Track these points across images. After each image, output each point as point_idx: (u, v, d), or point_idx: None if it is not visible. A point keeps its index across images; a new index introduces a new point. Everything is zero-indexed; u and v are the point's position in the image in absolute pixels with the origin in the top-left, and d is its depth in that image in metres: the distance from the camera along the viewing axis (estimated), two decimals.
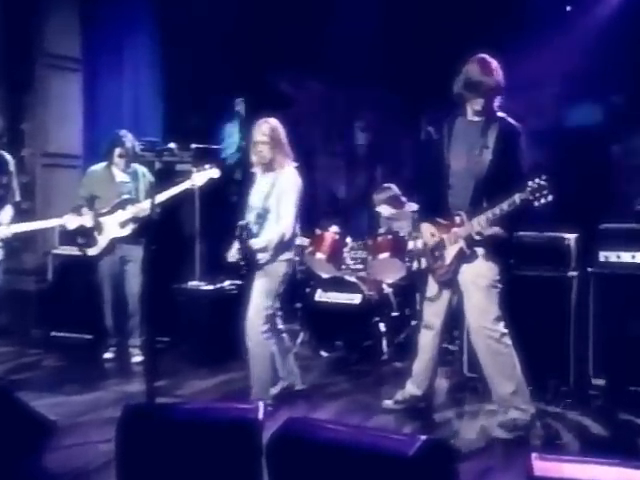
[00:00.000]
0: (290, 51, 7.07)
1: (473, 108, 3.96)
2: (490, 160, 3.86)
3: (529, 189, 3.58)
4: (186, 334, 5.60)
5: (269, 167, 4.43)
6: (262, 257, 4.34)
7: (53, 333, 6.03)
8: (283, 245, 4.38)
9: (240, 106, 7.48)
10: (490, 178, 3.85)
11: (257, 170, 4.53)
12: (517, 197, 3.65)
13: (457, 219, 3.96)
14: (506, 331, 3.99)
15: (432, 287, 4.17)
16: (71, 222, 5.39)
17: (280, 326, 4.58)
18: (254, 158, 4.46)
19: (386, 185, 6.08)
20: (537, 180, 3.58)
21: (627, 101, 6.58)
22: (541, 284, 4.67)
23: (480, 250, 3.95)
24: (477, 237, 3.89)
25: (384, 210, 5.99)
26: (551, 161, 6.55)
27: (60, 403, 4.51)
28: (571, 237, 4.75)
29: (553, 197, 3.52)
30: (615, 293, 4.56)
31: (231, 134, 7.53)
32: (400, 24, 6.81)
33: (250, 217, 4.42)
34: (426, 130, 4.17)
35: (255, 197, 4.46)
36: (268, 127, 4.39)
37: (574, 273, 4.69)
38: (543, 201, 3.56)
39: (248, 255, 4.30)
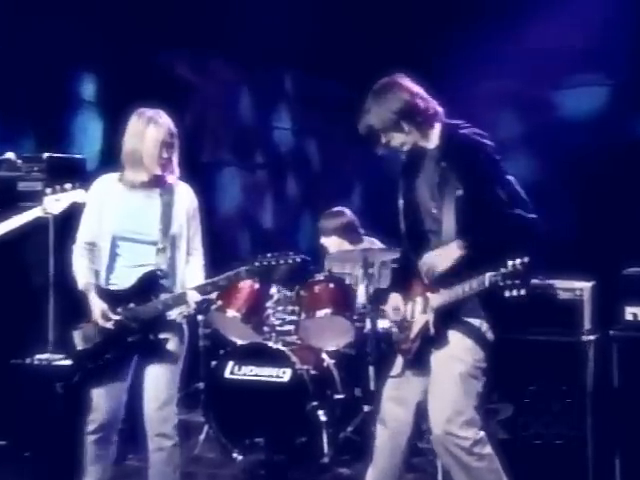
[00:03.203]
0: (188, 22, 7.08)
1: None
2: (458, 197, 3.93)
3: (502, 270, 3.73)
4: (30, 434, 5.42)
5: (156, 181, 4.34)
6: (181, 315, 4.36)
7: None
8: None
9: (90, 93, 7.42)
10: (465, 222, 3.92)
11: (119, 182, 4.40)
12: (487, 277, 3.78)
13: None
14: (481, 436, 3.94)
15: (397, 364, 4.20)
16: None
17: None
18: (156, 169, 4.29)
19: (337, 209, 6.10)
20: (518, 261, 3.71)
21: None
22: (543, 353, 4.74)
23: (454, 327, 3.98)
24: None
25: (333, 244, 5.98)
26: (553, 181, 6.66)
27: None
28: (585, 287, 4.83)
29: (526, 292, 3.69)
30: None
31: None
32: None
33: (144, 255, 4.32)
34: None
35: (135, 224, 4.34)
36: (171, 122, 4.32)
37: (590, 337, 4.76)
38: (515, 293, 3.71)
39: (157, 317, 4.26)
